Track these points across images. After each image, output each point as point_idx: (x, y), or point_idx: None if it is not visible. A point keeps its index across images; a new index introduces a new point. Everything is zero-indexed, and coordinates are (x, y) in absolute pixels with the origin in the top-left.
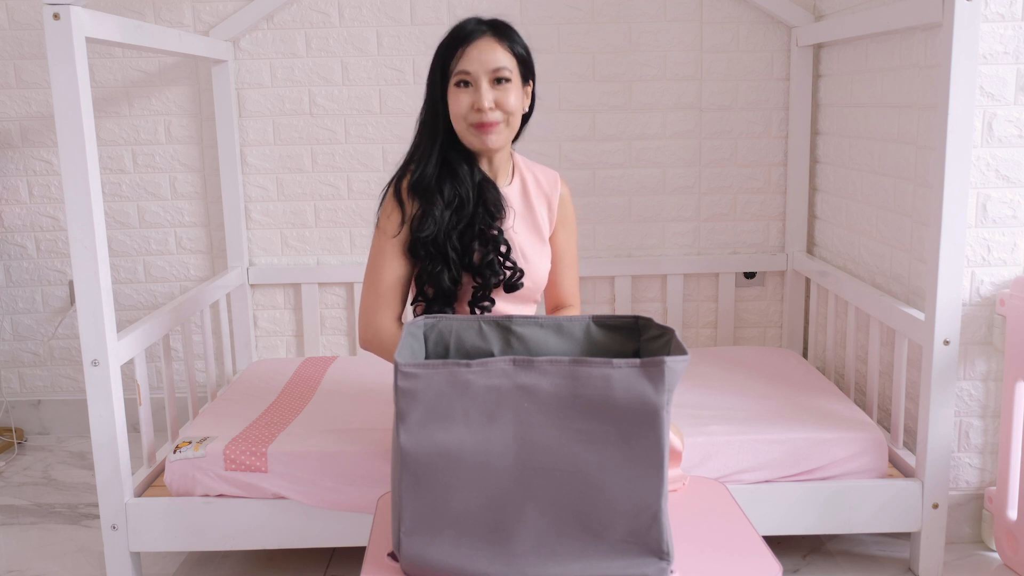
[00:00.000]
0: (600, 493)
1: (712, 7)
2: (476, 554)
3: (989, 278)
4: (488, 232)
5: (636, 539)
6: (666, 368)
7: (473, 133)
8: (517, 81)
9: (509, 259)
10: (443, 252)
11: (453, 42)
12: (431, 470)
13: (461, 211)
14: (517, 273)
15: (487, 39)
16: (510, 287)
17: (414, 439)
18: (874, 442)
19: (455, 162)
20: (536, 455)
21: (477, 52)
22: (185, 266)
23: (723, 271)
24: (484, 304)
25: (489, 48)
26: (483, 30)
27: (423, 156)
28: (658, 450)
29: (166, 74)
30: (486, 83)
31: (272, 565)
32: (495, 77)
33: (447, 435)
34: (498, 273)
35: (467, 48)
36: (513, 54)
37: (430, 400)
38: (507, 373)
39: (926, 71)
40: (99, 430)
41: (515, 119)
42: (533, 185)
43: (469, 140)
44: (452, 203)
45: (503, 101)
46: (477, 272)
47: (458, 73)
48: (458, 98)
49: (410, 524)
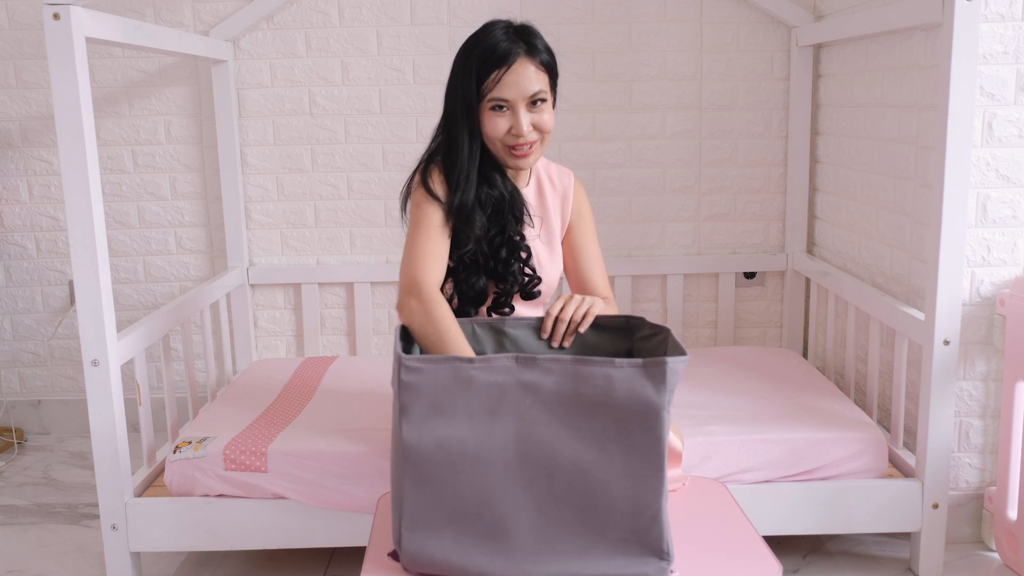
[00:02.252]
0: (600, 492)
1: (712, 7)
2: (476, 550)
3: (989, 278)
4: (514, 238)
5: (636, 538)
6: (667, 369)
7: (509, 155)
8: (551, 99)
9: (529, 265)
10: (477, 261)
11: (487, 64)
12: (433, 464)
13: (495, 219)
14: (536, 280)
15: (523, 62)
16: (528, 295)
17: (416, 433)
18: (874, 442)
19: (490, 176)
20: (537, 452)
21: (514, 78)
22: (185, 266)
23: (723, 271)
24: (504, 311)
25: (525, 72)
26: (518, 52)
27: (461, 179)
28: (658, 450)
29: (166, 74)
30: (523, 107)
31: (272, 565)
32: (532, 100)
33: (449, 430)
34: (520, 280)
35: (504, 74)
36: (545, 69)
37: (433, 394)
38: (510, 370)
39: (926, 71)
40: (99, 430)
41: (549, 136)
42: (548, 185)
43: (504, 159)
44: (487, 211)
45: (540, 123)
46: (500, 279)
47: (494, 99)
48: (494, 122)
49: (411, 519)
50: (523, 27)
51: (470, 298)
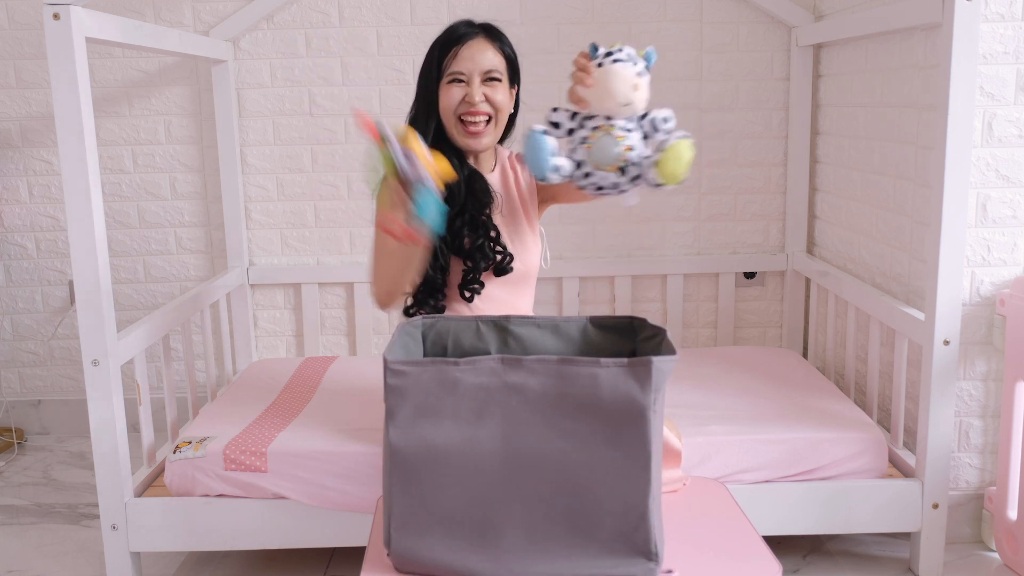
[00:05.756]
0: (587, 492)
1: (712, 7)
2: (465, 551)
3: (989, 278)
4: (478, 218)
5: (624, 539)
6: (653, 368)
7: (461, 132)
8: (506, 82)
9: (499, 243)
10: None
11: (447, 43)
12: (420, 467)
13: (450, 202)
14: (508, 257)
15: (480, 40)
16: (500, 270)
17: (403, 435)
18: (874, 442)
19: (444, 156)
20: (524, 453)
21: (470, 52)
22: (185, 266)
23: (723, 271)
24: (473, 287)
25: (481, 49)
26: (476, 32)
27: None
28: (645, 450)
29: (166, 74)
30: (478, 81)
31: (272, 565)
32: (486, 77)
33: (436, 432)
34: (488, 257)
35: (461, 48)
36: (503, 55)
37: (419, 397)
38: (495, 371)
39: (926, 71)
40: (99, 430)
41: (503, 116)
42: (511, 170)
43: (458, 139)
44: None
45: (493, 98)
46: (467, 256)
47: (452, 73)
48: (450, 93)
49: (400, 521)
50: (487, 23)
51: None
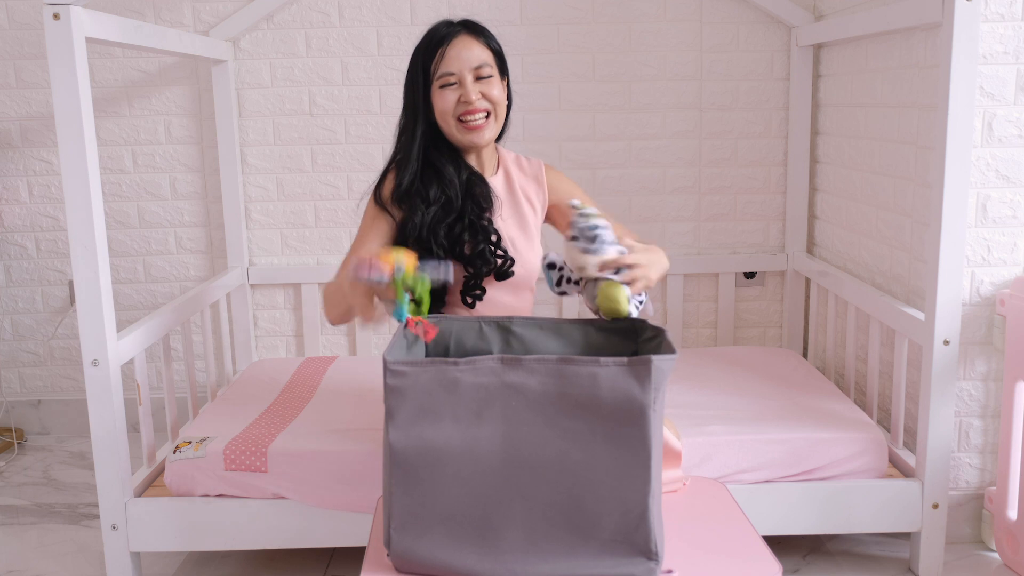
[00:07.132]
0: (587, 492)
1: (712, 7)
2: (465, 551)
3: (989, 278)
4: (478, 223)
5: (624, 538)
6: (653, 367)
7: (462, 131)
8: (497, 75)
9: (500, 247)
10: (428, 249)
11: (430, 45)
12: (420, 467)
13: (449, 207)
14: (508, 261)
15: (464, 38)
16: (501, 275)
17: (403, 436)
18: (874, 442)
19: (439, 164)
20: (524, 453)
21: (456, 51)
22: (185, 266)
23: (723, 271)
24: (475, 293)
25: (467, 46)
26: (458, 30)
27: (403, 162)
28: (644, 449)
29: (166, 74)
30: (470, 79)
31: (272, 565)
32: (478, 74)
33: (436, 432)
34: (489, 262)
35: (446, 49)
36: (490, 49)
37: (419, 398)
38: (495, 371)
39: (926, 71)
40: (99, 430)
41: (500, 110)
42: (517, 174)
43: (458, 138)
44: (438, 200)
45: (488, 93)
46: (468, 262)
47: (441, 76)
48: (444, 96)
49: (399, 520)
50: (467, 19)
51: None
